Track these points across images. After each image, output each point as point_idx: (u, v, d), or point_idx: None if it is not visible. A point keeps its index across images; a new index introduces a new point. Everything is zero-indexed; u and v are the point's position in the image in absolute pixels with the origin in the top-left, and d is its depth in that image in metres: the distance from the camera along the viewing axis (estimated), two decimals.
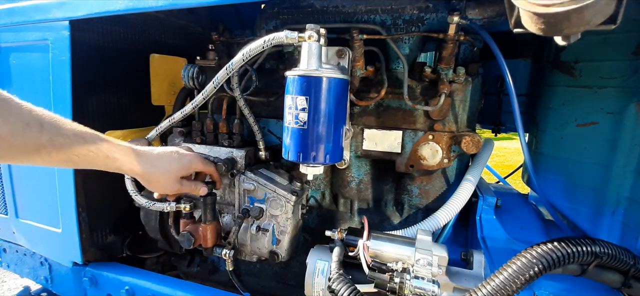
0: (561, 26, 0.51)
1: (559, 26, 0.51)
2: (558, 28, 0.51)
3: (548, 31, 0.53)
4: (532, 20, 0.53)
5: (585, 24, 0.49)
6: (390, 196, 1.31)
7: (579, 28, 0.50)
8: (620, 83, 1.02)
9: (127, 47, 1.41)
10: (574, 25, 0.50)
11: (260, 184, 1.11)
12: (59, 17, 1.14)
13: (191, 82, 1.24)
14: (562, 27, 0.51)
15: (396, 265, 0.89)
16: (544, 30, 0.53)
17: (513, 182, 3.54)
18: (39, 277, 1.53)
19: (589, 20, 0.49)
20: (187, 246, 1.08)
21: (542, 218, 1.38)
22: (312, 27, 0.83)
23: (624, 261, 0.79)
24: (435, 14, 1.02)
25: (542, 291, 0.95)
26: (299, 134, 0.87)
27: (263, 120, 1.28)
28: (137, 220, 1.31)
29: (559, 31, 0.52)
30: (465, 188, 1.09)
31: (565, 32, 0.51)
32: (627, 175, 1.00)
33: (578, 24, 0.49)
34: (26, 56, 1.26)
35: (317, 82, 0.83)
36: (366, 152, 1.19)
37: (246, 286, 1.27)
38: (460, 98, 1.10)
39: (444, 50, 1.01)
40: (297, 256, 1.32)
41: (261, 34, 1.18)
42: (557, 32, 0.52)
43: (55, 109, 1.20)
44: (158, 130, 1.12)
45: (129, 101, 1.46)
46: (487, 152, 1.22)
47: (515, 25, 0.60)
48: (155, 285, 1.29)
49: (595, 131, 1.07)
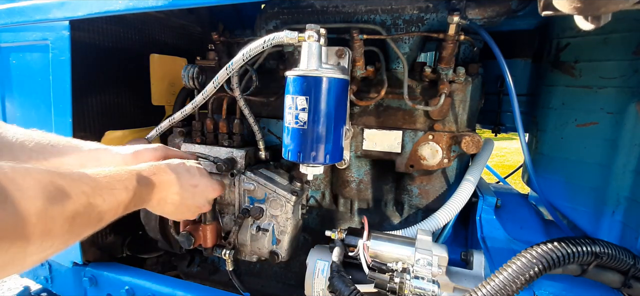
0: (598, 4, 0.49)
1: (596, 4, 0.49)
2: (595, 5, 0.50)
3: (584, 9, 0.51)
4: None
5: (623, 1, 0.48)
6: (390, 196, 1.31)
7: (617, 5, 0.49)
8: (620, 83, 1.01)
9: (127, 47, 1.41)
10: (613, 3, 0.48)
11: (260, 184, 1.11)
12: (59, 17, 1.14)
13: (191, 82, 1.24)
14: (599, 5, 0.49)
15: (396, 265, 0.89)
16: (579, 8, 0.51)
17: (513, 182, 3.55)
18: (39, 277, 1.53)
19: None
20: (187, 246, 1.08)
21: (542, 218, 1.38)
22: (312, 27, 0.83)
23: (624, 261, 0.79)
24: (435, 14, 1.02)
25: (542, 291, 0.94)
26: (299, 134, 0.87)
27: (263, 120, 1.28)
28: (137, 220, 1.31)
29: (596, 9, 0.50)
30: (465, 188, 1.09)
31: (603, 11, 0.50)
32: (627, 175, 1.00)
33: (616, 1, 0.48)
34: (26, 56, 1.26)
35: (317, 82, 0.83)
36: (366, 152, 1.19)
37: (246, 286, 1.27)
38: (460, 98, 1.10)
39: (444, 50, 1.01)
40: (297, 256, 1.32)
41: (261, 34, 1.18)
42: (594, 10, 0.51)
43: (55, 109, 1.20)
44: (158, 130, 1.12)
45: (129, 101, 1.46)
46: (487, 152, 1.22)
47: (544, 8, 0.58)
48: (155, 285, 1.29)
49: (595, 131, 1.07)
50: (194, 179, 0.86)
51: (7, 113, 1.35)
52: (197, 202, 0.88)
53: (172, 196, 0.80)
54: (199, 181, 0.88)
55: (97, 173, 0.60)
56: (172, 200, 0.80)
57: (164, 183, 0.77)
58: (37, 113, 1.25)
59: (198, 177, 0.88)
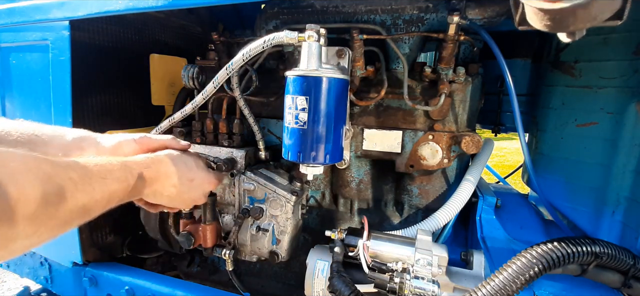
0: (567, 22, 0.50)
1: (565, 22, 0.50)
2: (564, 24, 0.50)
3: (554, 28, 0.52)
4: (538, 16, 0.52)
5: (591, 20, 0.48)
6: (390, 196, 1.31)
7: (586, 24, 0.49)
8: (620, 83, 1.01)
9: (127, 47, 1.41)
10: (580, 22, 0.49)
11: (260, 184, 1.11)
12: (59, 17, 1.14)
13: (191, 82, 1.24)
14: (568, 23, 0.50)
15: (396, 265, 0.89)
16: (549, 26, 0.52)
17: (513, 182, 3.54)
18: (39, 277, 1.53)
19: (596, 16, 0.48)
20: (187, 246, 1.08)
21: (542, 218, 1.38)
22: (312, 27, 0.83)
23: (623, 261, 0.79)
24: (435, 14, 1.02)
25: (542, 291, 0.94)
26: (299, 134, 0.87)
27: (263, 120, 1.28)
28: (137, 220, 1.31)
29: (565, 27, 0.51)
30: (465, 188, 1.09)
31: (571, 29, 0.51)
32: (627, 175, 1.00)
33: (584, 20, 0.48)
34: (26, 56, 1.26)
35: (317, 82, 0.83)
36: (366, 152, 1.19)
37: (246, 286, 1.27)
38: (460, 98, 1.10)
39: (444, 50, 1.01)
40: (297, 256, 1.32)
41: (261, 34, 1.18)
42: (563, 28, 0.51)
43: (55, 109, 1.20)
44: (158, 130, 1.11)
45: (129, 101, 1.46)
46: (487, 152, 1.22)
47: (520, 23, 0.59)
48: (155, 285, 1.29)
49: (595, 131, 1.07)
50: (191, 172, 0.86)
51: (7, 114, 1.35)
52: (193, 195, 0.88)
53: (169, 188, 0.80)
54: (196, 174, 0.88)
55: (87, 161, 0.59)
56: (169, 192, 0.80)
57: (160, 175, 0.77)
58: (37, 113, 1.25)
59: (195, 170, 0.88)
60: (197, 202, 0.92)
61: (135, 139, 0.85)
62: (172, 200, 0.82)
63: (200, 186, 0.89)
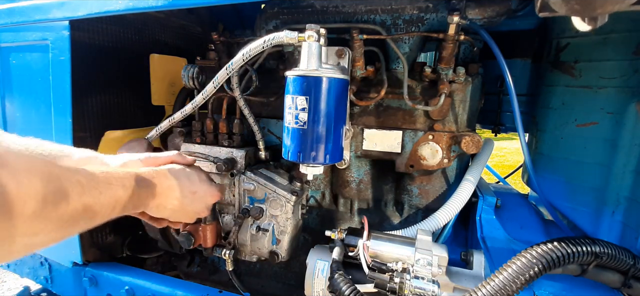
0: (595, 4, 0.48)
1: (593, 4, 0.49)
2: (591, 6, 0.49)
3: (580, 11, 0.51)
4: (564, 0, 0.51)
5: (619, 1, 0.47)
6: (390, 196, 1.31)
7: (614, 6, 0.48)
8: (620, 83, 1.01)
9: (127, 47, 1.41)
10: (609, 3, 0.48)
11: (260, 184, 1.11)
12: (59, 17, 1.14)
13: (191, 82, 1.24)
14: (596, 6, 0.49)
15: (396, 265, 0.89)
16: (576, 10, 0.51)
17: (513, 182, 3.54)
18: (39, 277, 1.53)
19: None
20: (187, 246, 1.08)
21: (542, 218, 1.38)
22: (312, 27, 0.83)
23: (623, 261, 0.79)
24: (435, 14, 1.02)
25: (542, 291, 0.95)
26: (299, 134, 0.87)
27: (263, 120, 1.28)
28: (137, 220, 1.30)
29: (593, 10, 0.49)
30: (465, 188, 1.09)
31: (599, 11, 0.49)
32: (627, 175, 1.00)
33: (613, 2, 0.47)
34: (26, 56, 1.26)
35: (317, 82, 0.83)
36: (366, 152, 1.19)
37: (246, 286, 1.27)
38: (460, 98, 1.10)
39: (444, 50, 1.01)
40: (297, 256, 1.32)
41: (261, 34, 1.18)
42: (590, 11, 0.50)
43: (55, 109, 1.20)
44: (158, 130, 1.12)
45: (129, 101, 1.46)
46: (487, 152, 1.22)
47: (541, 9, 0.57)
48: (155, 285, 1.29)
49: (595, 131, 1.07)
50: (194, 186, 0.86)
51: (7, 114, 1.35)
52: (196, 208, 0.88)
53: (171, 201, 0.80)
54: (199, 187, 0.88)
55: (94, 168, 0.59)
56: (172, 205, 0.80)
57: (164, 189, 0.77)
58: (37, 113, 1.25)
59: (198, 183, 0.88)
60: (199, 214, 0.92)
61: (141, 159, 0.85)
62: (175, 213, 0.82)
63: (203, 198, 0.90)
